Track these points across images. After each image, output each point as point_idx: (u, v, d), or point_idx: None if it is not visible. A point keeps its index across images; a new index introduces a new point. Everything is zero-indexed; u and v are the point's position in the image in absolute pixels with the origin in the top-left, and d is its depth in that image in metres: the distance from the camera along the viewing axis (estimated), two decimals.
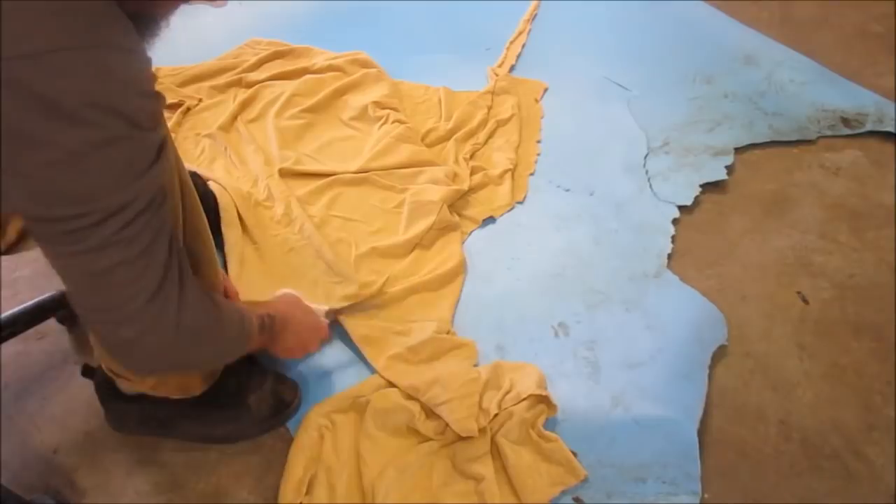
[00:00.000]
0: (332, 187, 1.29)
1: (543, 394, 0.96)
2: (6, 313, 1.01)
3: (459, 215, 1.27)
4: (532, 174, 1.38)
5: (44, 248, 0.55)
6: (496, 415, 0.93)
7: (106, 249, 0.53)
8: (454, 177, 1.30)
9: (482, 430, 0.91)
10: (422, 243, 1.19)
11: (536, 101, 1.55)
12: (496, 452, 0.91)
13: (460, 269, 1.17)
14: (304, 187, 1.28)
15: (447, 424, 0.91)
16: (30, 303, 1.03)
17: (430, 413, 0.94)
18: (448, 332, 1.07)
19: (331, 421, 0.94)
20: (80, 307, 0.59)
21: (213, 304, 0.68)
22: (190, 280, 0.63)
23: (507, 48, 1.70)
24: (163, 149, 0.56)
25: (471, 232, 1.25)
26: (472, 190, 1.31)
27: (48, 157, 0.48)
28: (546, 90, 1.59)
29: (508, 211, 1.30)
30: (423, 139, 1.41)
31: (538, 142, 1.45)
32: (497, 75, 1.58)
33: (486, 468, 0.88)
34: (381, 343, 1.04)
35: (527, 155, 1.41)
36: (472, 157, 1.38)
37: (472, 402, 0.92)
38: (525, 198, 1.33)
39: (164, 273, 0.58)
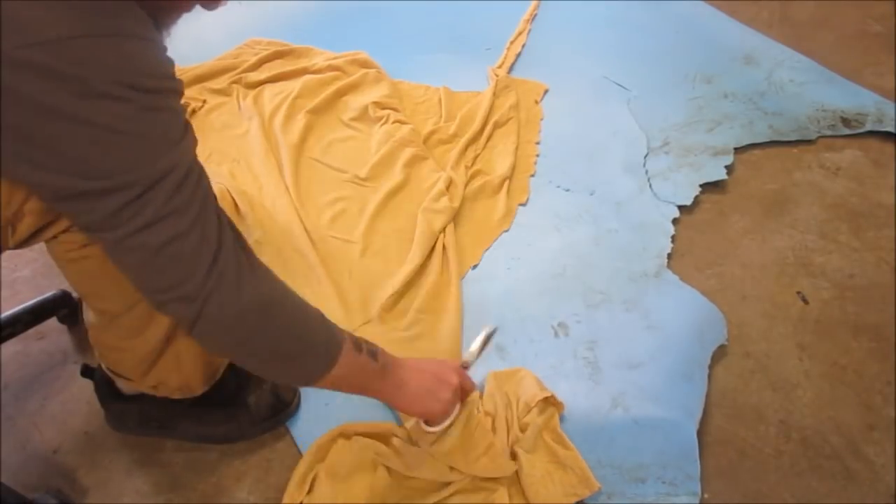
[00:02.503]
0: (335, 204, 1.27)
1: (548, 395, 0.96)
2: (6, 313, 1.01)
3: (463, 237, 1.25)
4: (532, 175, 1.38)
5: (99, 241, 0.56)
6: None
7: (159, 223, 0.54)
8: (450, 184, 1.29)
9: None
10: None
11: (536, 102, 1.55)
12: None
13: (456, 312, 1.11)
14: (310, 200, 1.27)
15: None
16: (30, 302, 1.03)
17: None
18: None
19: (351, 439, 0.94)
20: (143, 292, 0.60)
21: (281, 282, 0.67)
22: (248, 250, 0.64)
23: (507, 48, 1.71)
24: (188, 125, 0.58)
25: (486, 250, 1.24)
26: (469, 199, 1.30)
27: (87, 135, 0.49)
28: (546, 91, 1.59)
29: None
30: (425, 141, 1.40)
31: (537, 143, 1.45)
32: (497, 75, 1.58)
33: (500, 480, 0.89)
34: None
35: (526, 157, 1.41)
36: (473, 162, 1.38)
37: (494, 448, 0.90)
38: (527, 200, 1.33)
39: (219, 244, 0.59)
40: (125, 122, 0.50)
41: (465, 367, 1.00)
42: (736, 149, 1.44)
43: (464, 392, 0.88)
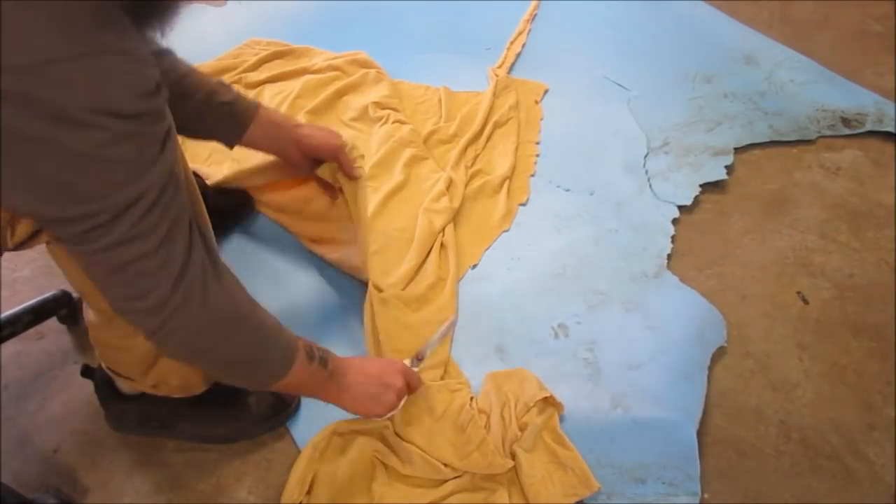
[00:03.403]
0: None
1: (548, 395, 0.96)
2: (6, 313, 1.01)
3: (463, 237, 1.24)
4: (532, 175, 1.38)
5: (65, 248, 0.57)
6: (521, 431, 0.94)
7: (124, 245, 0.54)
8: (450, 184, 1.29)
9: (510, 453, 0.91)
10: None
11: (536, 102, 1.55)
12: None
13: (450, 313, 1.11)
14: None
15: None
16: (30, 302, 1.03)
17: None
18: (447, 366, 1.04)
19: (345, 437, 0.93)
20: (107, 299, 0.61)
21: (246, 295, 0.69)
22: (218, 263, 0.64)
23: (507, 48, 1.70)
24: (167, 138, 0.56)
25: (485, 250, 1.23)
26: (469, 199, 1.30)
27: (57, 161, 0.49)
28: (546, 91, 1.59)
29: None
30: (425, 141, 1.40)
31: (537, 143, 1.45)
32: (497, 76, 1.57)
33: (499, 480, 0.89)
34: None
35: (526, 157, 1.41)
36: (473, 162, 1.37)
37: (486, 444, 0.90)
38: (527, 200, 1.33)
39: (187, 258, 0.59)
40: (98, 148, 0.49)
41: (421, 357, 1.00)
42: (736, 149, 1.44)
43: (410, 388, 0.90)
